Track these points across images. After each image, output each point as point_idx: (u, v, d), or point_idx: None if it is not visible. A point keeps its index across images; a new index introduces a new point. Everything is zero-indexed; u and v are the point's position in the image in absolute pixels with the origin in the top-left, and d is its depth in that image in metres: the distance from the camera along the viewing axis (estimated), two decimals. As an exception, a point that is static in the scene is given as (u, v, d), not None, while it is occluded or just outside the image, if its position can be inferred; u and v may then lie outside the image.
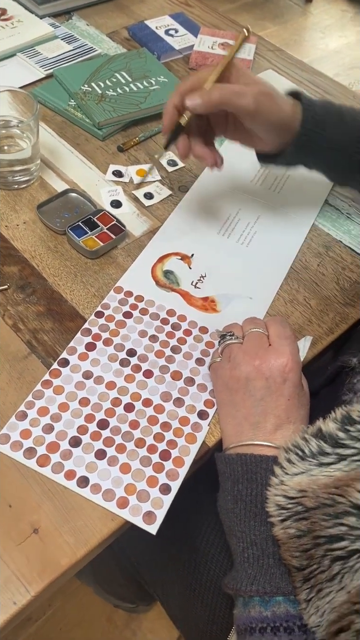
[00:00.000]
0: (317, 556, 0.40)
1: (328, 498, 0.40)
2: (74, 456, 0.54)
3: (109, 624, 1.25)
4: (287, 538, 0.43)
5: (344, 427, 0.42)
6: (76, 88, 0.87)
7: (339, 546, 0.39)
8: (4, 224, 0.72)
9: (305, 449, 0.44)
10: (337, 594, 0.39)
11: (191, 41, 1.03)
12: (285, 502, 0.43)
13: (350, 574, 0.38)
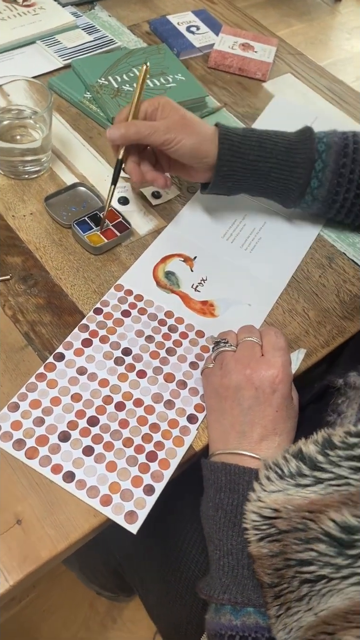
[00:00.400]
0: (288, 576, 0.41)
1: (300, 522, 0.41)
2: (62, 451, 0.54)
3: (90, 609, 1.27)
4: (261, 556, 0.43)
5: (324, 450, 0.43)
6: (93, 80, 0.87)
7: (308, 570, 0.39)
8: (10, 213, 0.73)
9: (285, 469, 0.44)
10: (304, 614, 0.39)
11: (212, 40, 1.02)
12: (260, 522, 0.43)
13: (317, 597, 0.39)
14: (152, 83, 0.89)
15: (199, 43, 1.01)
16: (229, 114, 0.92)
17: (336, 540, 0.38)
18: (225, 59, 0.98)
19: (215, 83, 0.97)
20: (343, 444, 0.42)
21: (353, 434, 0.42)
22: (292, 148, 0.68)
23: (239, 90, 0.97)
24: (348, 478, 0.40)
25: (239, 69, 0.98)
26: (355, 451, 0.41)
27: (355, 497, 0.39)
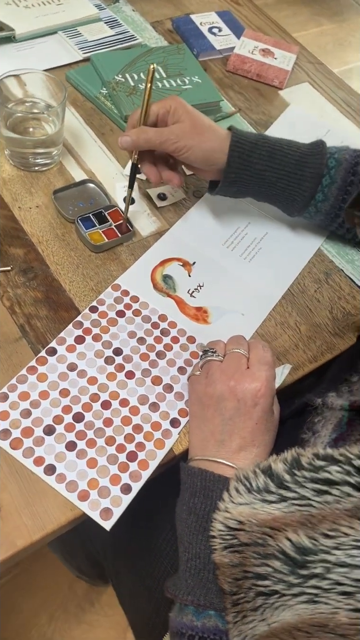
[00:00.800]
0: (245, 587, 0.42)
1: (261, 537, 0.42)
2: (45, 444, 0.56)
3: (70, 591, 1.30)
4: (223, 564, 0.45)
5: (292, 470, 0.44)
6: (110, 77, 0.88)
7: (263, 584, 0.41)
8: (17, 205, 0.74)
9: (253, 483, 0.45)
10: (259, 624, 0.41)
11: (233, 43, 1.02)
12: (225, 532, 0.45)
13: (270, 610, 0.40)
14: (169, 83, 0.90)
15: (219, 45, 1.01)
16: (243, 119, 0.93)
17: (290, 559, 0.40)
18: (244, 63, 0.99)
19: (232, 87, 0.97)
20: (310, 465, 0.44)
21: (320, 457, 0.44)
22: (303, 161, 0.69)
23: (255, 96, 0.97)
24: (310, 500, 0.42)
25: (257, 74, 0.98)
26: (321, 474, 0.42)
27: (315, 519, 0.41)
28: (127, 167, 0.81)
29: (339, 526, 0.39)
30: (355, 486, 0.41)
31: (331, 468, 0.42)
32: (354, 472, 0.42)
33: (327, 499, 0.41)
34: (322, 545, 0.39)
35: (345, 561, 0.36)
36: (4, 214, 0.73)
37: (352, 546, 0.37)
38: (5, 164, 0.78)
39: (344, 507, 0.40)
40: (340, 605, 0.35)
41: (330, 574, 0.37)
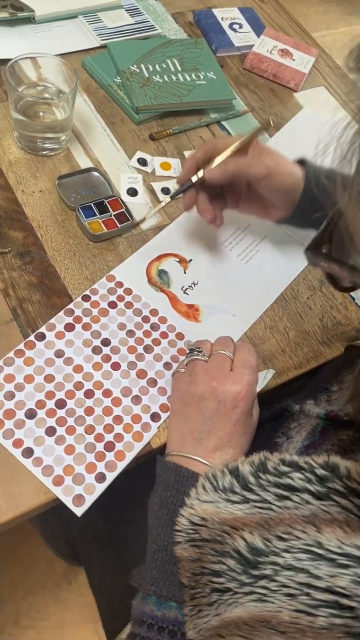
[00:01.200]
0: (202, 582, 0.44)
1: (220, 535, 0.43)
2: (26, 427, 0.57)
3: (48, 569, 1.32)
4: (183, 558, 0.46)
5: (257, 473, 0.45)
6: (125, 66, 0.88)
7: (218, 581, 0.42)
8: (21, 188, 0.74)
9: (220, 482, 0.47)
10: (213, 618, 0.42)
11: (252, 40, 1.02)
12: (188, 526, 0.46)
13: (224, 606, 0.41)
14: (183, 77, 0.90)
15: (238, 42, 1.01)
16: (254, 120, 0.93)
17: (244, 558, 0.41)
18: (261, 62, 0.98)
19: (246, 86, 0.97)
20: (275, 470, 0.44)
21: (286, 463, 0.45)
22: None
23: (269, 96, 0.97)
24: (272, 504, 0.43)
25: (273, 74, 0.98)
26: (284, 480, 0.43)
27: (272, 521, 0.42)
28: (134, 158, 0.82)
29: (294, 530, 0.40)
30: (315, 494, 0.42)
31: (294, 475, 0.43)
32: (316, 480, 0.43)
33: (287, 504, 0.42)
34: (274, 547, 0.40)
35: (292, 564, 0.37)
36: (7, 196, 0.73)
37: (301, 550, 0.38)
38: (13, 146, 0.78)
39: (302, 514, 0.41)
40: (284, 605, 0.36)
41: (278, 576, 0.38)
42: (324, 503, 0.42)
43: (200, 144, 0.68)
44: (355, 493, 0.41)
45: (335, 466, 0.43)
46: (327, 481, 0.43)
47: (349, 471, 0.43)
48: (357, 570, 0.35)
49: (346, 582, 0.34)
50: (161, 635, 0.48)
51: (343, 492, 0.42)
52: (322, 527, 0.39)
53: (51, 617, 1.28)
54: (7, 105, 0.81)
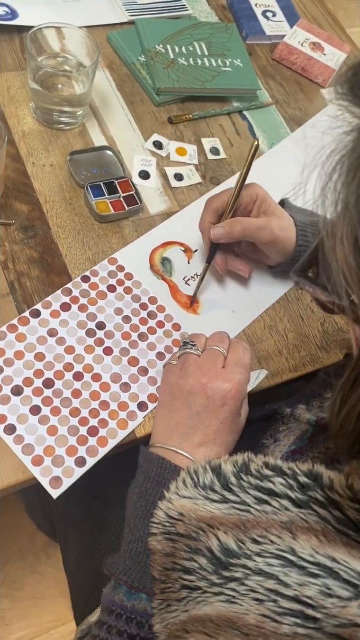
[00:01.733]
0: (172, 578, 0.43)
1: (194, 531, 0.43)
2: (10, 403, 0.57)
3: (28, 541, 1.33)
4: (156, 551, 0.46)
5: (239, 473, 0.44)
6: (150, 45, 0.86)
7: (188, 578, 0.41)
8: (31, 160, 0.73)
9: (201, 478, 0.46)
10: (181, 613, 0.42)
11: (284, 30, 0.99)
12: (165, 518, 0.46)
13: (193, 603, 0.41)
14: (209, 62, 0.88)
15: (270, 31, 0.98)
16: (277, 112, 0.90)
17: (215, 558, 0.40)
18: (291, 54, 0.96)
19: (273, 77, 0.95)
20: (258, 473, 0.44)
21: (269, 467, 0.44)
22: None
23: (296, 90, 0.95)
24: (250, 506, 0.42)
25: (301, 68, 0.95)
26: (265, 483, 0.43)
27: (249, 524, 0.41)
28: (150, 140, 0.80)
29: (269, 534, 0.39)
30: (295, 501, 0.41)
31: (276, 479, 0.43)
32: (297, 487, 0.42)
33: (265, 509, 0.42)
34: (247, 549, 0.39)
35: (263, 569, 0.37)
36: (17, 167, 0.72)
37: (273, 555, 0.37)
38: (28, 117, 0.77)
39: (280, 519, 0.41)
40: (251, 609, 0.36)
41: (248, 580, 0.37)
42: (303, 511, 0.41)
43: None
44: (335, 505, 0.41)
45: (319, 475, 0.42)
46: (308, 489, 0.42)
47: (331, 482, 0.42)
48: (327, 581, 0.34)
49: (314, 592, 0.34)
50: (128, 625, 0.48)
51: (323, 502, 0.41)
52: (298, 534, 0.39)
53: (27, 588, 1.29)
54: (26, 74, 0.79)
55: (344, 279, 0.32)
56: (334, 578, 0.33)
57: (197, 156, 0.81)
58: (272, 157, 0.85)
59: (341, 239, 0.32)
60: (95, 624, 0.50)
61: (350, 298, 0.33)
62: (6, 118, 0.75)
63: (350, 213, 0.31)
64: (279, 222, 0.66)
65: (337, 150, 0.32)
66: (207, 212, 0.67)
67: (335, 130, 0.33)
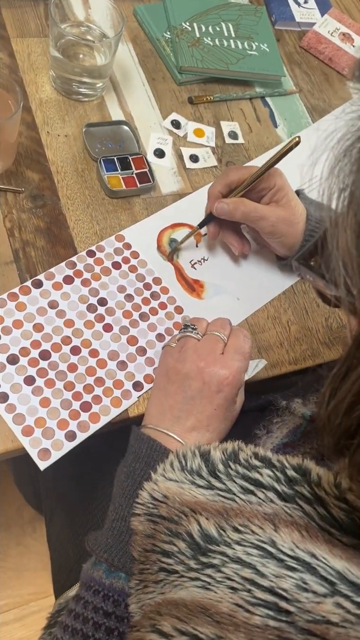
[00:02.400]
0: (151, 560, 0.43)
1: (177, 514, 0.42)
2: (5, 371, 0.56)
3: (16, 513, 1.34)
4: (138, 531, 0.45)
5: (227, 461, 0.44)
6: (177, 22, 0.84)
7: (166, 561, 0.41)
8: (46, 129, 0.72)
9: (188, 463, 0.45)
10: (158, 595, 0.42)
11: (314, 18, 0.97)
12: (149, 500, 0.45)
13: (170, 586, 0.40)
14: (235, 44, 0.86)
15: (300, 17, 0.96)
16: (300, 102, 0.89)
17: (195, 543, 0.40)
18: (320, 43, 0.94)
19: (299, 65, 0.93)
20: (246, 462, 0.43)
21: (259, 458, 0.43)
22: None
23: (321, 80, 0.93)
24: (235, 495, 0.42)
25: (329, 58, 0.93)
26: (253, 474, 0.42)
27: (232, 512, 0.40)
28: (168, 119, 0.79)
29: (251, 524, 0.39)
30: (281, 494, 0.41)
31: (264, 471, 0.42)
32: (284, 481, 0.41)
33: (250, 499, 0.41)
34: (228, 537, 0.39)
35: (241, 557, 0.36)
36: (32, 135, 0.71)
37: (253, 545, 0.37)
38: (47, 85, 0.76)
39: (264, 511, 0.40)
40: (225, 597, 0.35)
41: (225, 567, 0.37)
42: (288, 505, 0.40)
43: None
44: (321, 502, 0.40)
45: (307, 471, 0.42)
46: (295, 484, 0.41)
47: (319, 478, 0.41)
48: (304, 575, 0.33)
49: (290, 585, 0.33)
50: (105, 603, 0.48)
51: (309, 498, 0.40)
52: (280, 527, 0.38)
53: (10, 559, 1.30)
54: (48, 41, 0.78)
55: (344, 267, 0.32)
56: (312, 574, 0.33)
57: (215, 139, 0.79)
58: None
59: (344, 227, 0.31)
60: (72, 599, 0.50)
61: (348, 287, 0.32)
62: (24, 85, 0.74)
63: (357, 200, 0.30)
64: (286, 216, 0.64)
65: (348, 135, 0.31)
66: (222, 180, 0.66)
67: (348, 114, 0.32)
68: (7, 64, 0.75)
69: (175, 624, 0.35)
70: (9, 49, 0.76)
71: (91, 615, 0.47)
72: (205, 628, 0.34)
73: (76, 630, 0.47)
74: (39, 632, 0.55)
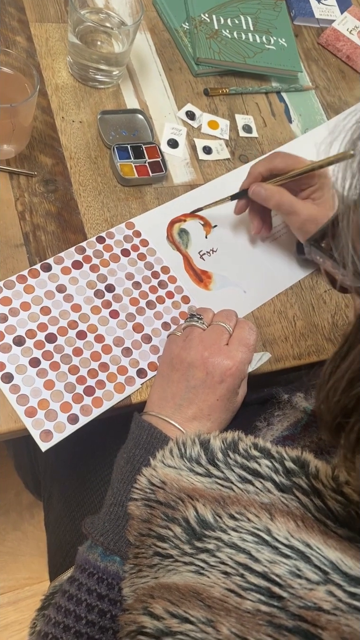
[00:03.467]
0: (146, 544, 0.43)
1: (174, 500, 0.43)
2: (11, 352, 0.57)
3: (15, 498, 1.35)
4: (134, 516, 0.46)
5: (227, 450, 0.44)
6: (196, 13, 0.84)
7: (162, 546, 0.41)
8: (61, 114, 0.72)
9: (188, 450, 0.46)
10: (151, 580, 0.42)
11: (334, 15, 0.97)
12: (147, 485, 0.45)
13: (163, 571, 0.41)
14: (253, 37, 0.86)
15: (319, 14, 0.96)
16: (315, 98, 0.88)
17: (191, 528, 0.40)
18: (338, 40, 0.93)
19: (316, 61, 0.93)
20: (245, 452, 0.43)
21: (258, 448, 0.43)
22: None
23: (337, 78, 0.92)
24: (233, 484, 0.42)
25: (347, 56, 0.93)
26: (251, 464, 0.42)
27: (229, 500, 0.41)
28: (183, 110, 0.79)
29: (247, 512, 0.39)
30: (278, 485, 0.41)
31: (263, 461, 0.42)
32: (282, 472, 0.42)
33: (248, 488, 0.42)
34: (224, 523, 0.39)
35: (236, 543, 0.37)
36: (46, 119, 0.71)
37: (249, 532, 0.37)
38: (64, 70, 0.76)
39: (261, 500, 0.41)
40: (218, 582, 0.35)
41: (219, 552, 0.37)
42: (285, 496, 0.41)
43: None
44: (318, 493, 0.40)
45: (306, 463, 0.42)
46: (293, 475, 0.42)
47: (317, 471, 0.41)
48: (298, 563, 0.34)
49: (283, 571, 0.33)
50: (99, 585, 0.48)
51: (306, 489, 0.41)
52: (276, 517, 0.39)
53: (7, 543, 1.31)
54: (66, 27, 0.78)
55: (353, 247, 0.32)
56: (305, 562, 0.33)
57: (229, 132, 0.79)
58: (303, 142, 0.83)
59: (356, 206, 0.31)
60: (67, 580, 0.51)
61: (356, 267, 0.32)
62: (41, 69, 0.74)
63: None
64: (317, 215, 0.64)
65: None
66: (267, 164, 0.66)
67: None
68: (25, 48, 0.75)
69: (167, 606, 0.36)
70: (27, 33, 0.76)
71: (85, 597, 0.48)
72: (196, 612, 0.34)
73: (69, 611, 0.47)
74: (31, 617, 0.56)
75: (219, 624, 0.32)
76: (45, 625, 0.46)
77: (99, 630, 0.45)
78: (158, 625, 0.34)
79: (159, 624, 0.34)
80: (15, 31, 0.76)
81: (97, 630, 0.45)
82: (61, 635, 0.45)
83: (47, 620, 0.47)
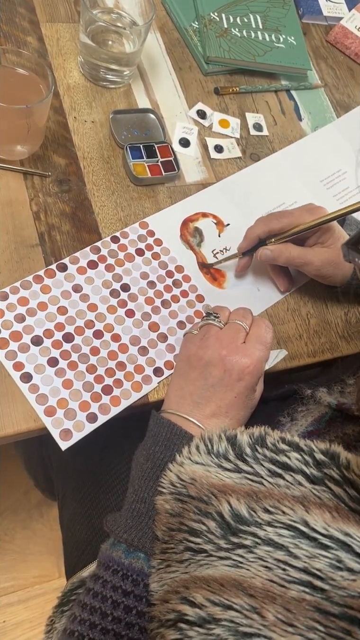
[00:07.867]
0: (176, 539, 0.43)
1: (206, 495, 0.43)
2: (29, 352, 0.57)
3: (24, 497, 1.35)
4: (162, 510, 0.46)
5: (255, 445, 0.44)
6: (205, 12, 0.84)
7: (194, 540, 0.41)
8: (74, 114, 0.72)
9: (215, 446, 0.46)
10: (181, 575, 0.42)
11: (342, 13, 0.97)
12: (176, 479, 0.46)
13: (195, 566, 0.41)
14: (262, 35, 0.86)
15: (327, 11, 0.96)
16: (325, 96, 0.89)
17: (225, 523, 0.40)
18: (346, 37, 0.93)
19: (325, 59, 0.93)
20: (274, 446, 0.44)
21: (286, 442, 0.44)
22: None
23: (346, 75, 0.93)
24: (263, 478, 0.42)
25: (355, 53, 0.93)
26: (281, 457, 0.42)
27: (261, 494, 0.41)
28: (194, 109, 0.79)
29: (281, 505, 0.39)
30: (309, 477, 0.41)
31: (292, 454, 0.43)
32: (313, 464, 0.42)
33: (278, 482, 0.42)
34: (259, 517, 0.39)
35: (273, 539, 0.37)
36: (59, 119, 0.71)
37: (284, 525, 0.37)
38: (75, 70, 0.76)
39: (292, 493, 0.41)
40: (260, 574, 0.36)
41: (257, 549, 0.37)
42: (317, 487, 0.41)
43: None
44: (351, 483, 0.40)
45: (336, 454, 0.42)
46: (324, 467, 0.42)
47: (348, 462, 0.41)
48: (339, 553, 0.34)
49: (323, 564, 0.33)
50: (124, 582, 0.48)
51: (339, 480, 0.41)
52: (311, 508, 0.39)
53: (16, 541, 1.31)
54: (77, 26, 0.78)
55: None
56: (347, 551, 0.33)
57: (240, 130, 0.80)
58: (313, 140, 0.83)
59: None
60: (90, 578, 0.51)
61: None
62: (53, 69, 0.75)
63: None
64: (331, 258, 0.64)
65: None
66: (263, 226, 0.65)
67: None
68: (36, 48, 0.75)
69: (207, 595, 0.36)
70: (38, 33, 0.76)
71: (110, 593, 0.48)
72: (239, 599, 0.34)
73: (95, 609, 0.48)
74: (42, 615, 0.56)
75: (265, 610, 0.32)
76: (71, 623, 0.47)
77: (125, 626, 0.45)
78: (200, 613, 0.35)
79: (200, 611, 0.35)
80: (26, 32, 0.76)
81: (123, 627, 0.45)
82: (87, 632, 0.45)
83: (73, 618, 0.47)
